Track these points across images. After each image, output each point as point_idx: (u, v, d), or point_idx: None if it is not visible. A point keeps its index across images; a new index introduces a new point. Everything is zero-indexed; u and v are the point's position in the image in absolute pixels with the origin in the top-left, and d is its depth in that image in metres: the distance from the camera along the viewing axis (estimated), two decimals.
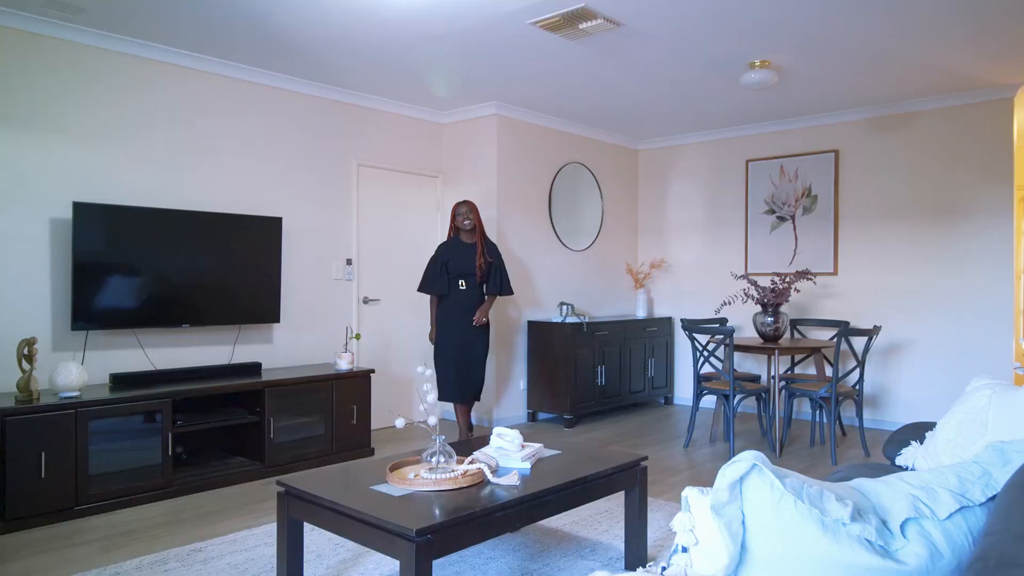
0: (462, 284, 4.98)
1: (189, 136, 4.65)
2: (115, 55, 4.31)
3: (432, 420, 2.60)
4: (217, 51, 4.55)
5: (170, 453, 3.95)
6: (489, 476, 2.57)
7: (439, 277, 5.00)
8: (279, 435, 4.46)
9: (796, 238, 6.38)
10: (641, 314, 7.00)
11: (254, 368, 4.72)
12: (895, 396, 5.86)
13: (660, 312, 7.29)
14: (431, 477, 2.51)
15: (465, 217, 5.00)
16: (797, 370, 6.11)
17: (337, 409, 4.74)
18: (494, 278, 5.05)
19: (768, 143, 6.58)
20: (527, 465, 2.77)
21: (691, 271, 7.10)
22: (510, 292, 5.17)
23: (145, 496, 3.85)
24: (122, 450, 3.81)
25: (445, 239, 5.17)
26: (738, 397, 5.03)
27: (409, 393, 6.00)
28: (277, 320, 4.90)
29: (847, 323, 5.63)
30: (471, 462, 2.67)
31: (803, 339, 5.71)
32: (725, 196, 6.87)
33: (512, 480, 2.55)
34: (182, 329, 4.55)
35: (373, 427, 5.62)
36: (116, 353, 4.29)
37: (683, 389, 7.09)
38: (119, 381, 4.12)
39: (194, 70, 4.66)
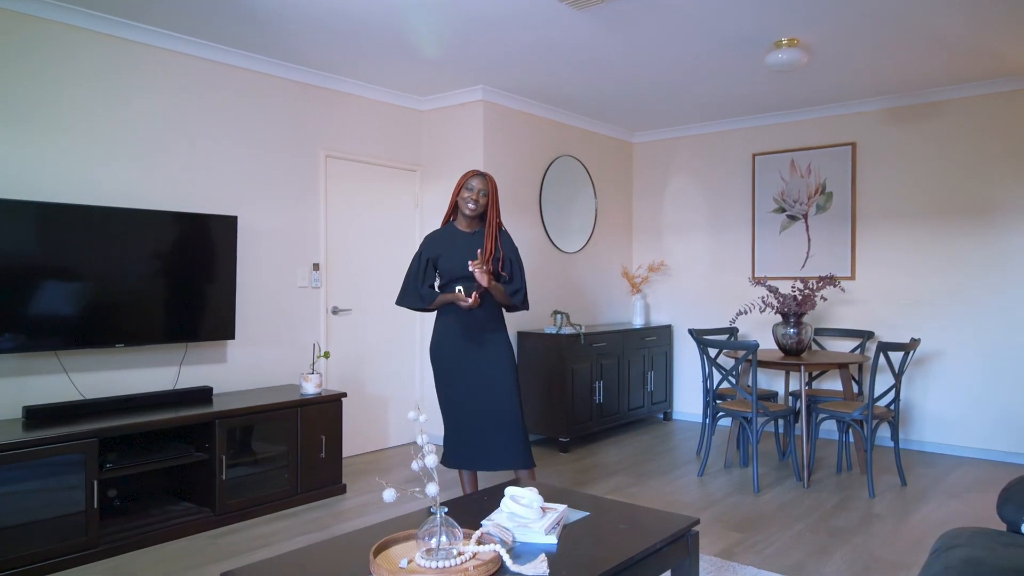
0: (460, 293, 3.36)
1: (126, 121, 3.91)
2: (28, 19, 3.55)
3: (431, 489, 1.95)
4: (159, 20, 3.81)
5: (96, 505, 3.22)
6: (508, 562, 1.93)
7: (423, 283, 3.47)
8: (233, 475, 3.76)
9: (809, 239, 5.84)
10: (639, 322, 6.41)
11: (204, 394, 4.00)
12: (921, 413, 5.34)
13: (658, 319, 6.70)
14: (431, 566, 1.87)
15: (477, 194, 3.38)
16: (815, 384, 5.57)
17: (303, 441, 4.05)
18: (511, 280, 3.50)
19: (777, 135, 6.03)
20: (553, 539, 2.14)
21: (692, 275, 6.52)
22: (526, 306, 3.58)
23: (65, 560, 3.12)
24: (36, 502, 3.08)
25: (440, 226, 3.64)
26: (760, 420, 4.46)
27: (385, 416, 5.32)
28: (232, 336, 4.19)
29: (871, 333, 5.12)
30: (480, 539, 2.03)
31: (822, 351, 5.17)
32: (729, 193, 6.30)
33: (540, 568, 1.91)
34: (116, 349, 3.82)
35: (345, 454, 4.92)
36: (33, 380, 3.54)
37: (682, 403, 6.51)
38: (35, 416, 3.38)
39: (132, 42, 3.91)
